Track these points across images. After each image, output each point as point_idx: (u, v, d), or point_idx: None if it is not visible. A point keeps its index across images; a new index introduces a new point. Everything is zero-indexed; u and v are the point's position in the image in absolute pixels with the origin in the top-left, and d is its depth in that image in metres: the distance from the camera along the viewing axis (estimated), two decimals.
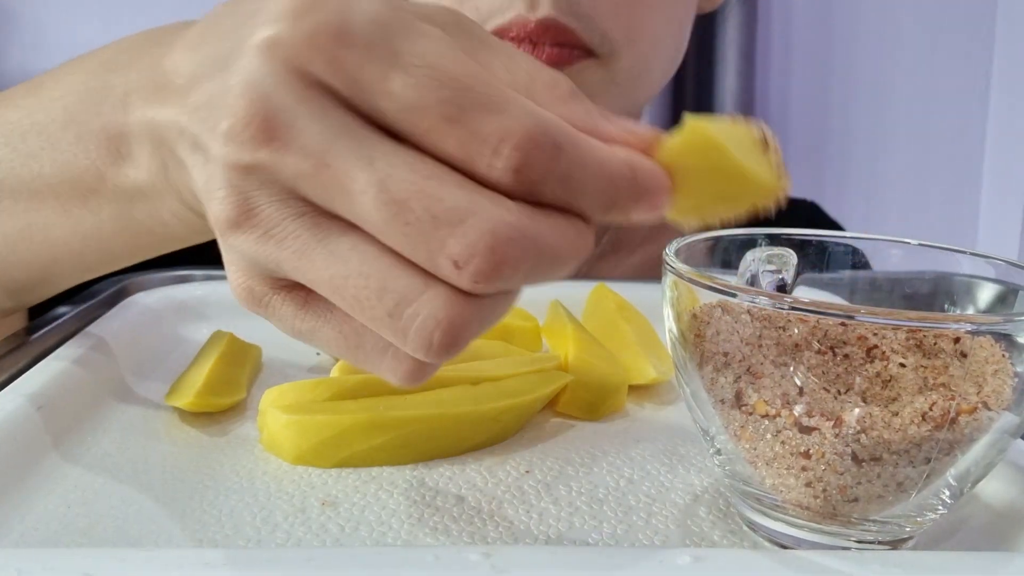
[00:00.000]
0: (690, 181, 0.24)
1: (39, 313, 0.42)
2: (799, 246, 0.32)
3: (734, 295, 0.24)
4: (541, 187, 0.21)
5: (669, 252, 0.27)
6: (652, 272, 0.62)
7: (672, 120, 1.44)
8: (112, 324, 0.39)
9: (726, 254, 0.31)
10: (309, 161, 0.20)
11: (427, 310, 0.21)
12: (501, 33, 0.47)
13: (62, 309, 0.42)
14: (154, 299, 0.44)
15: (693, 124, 0.24)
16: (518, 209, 0.20)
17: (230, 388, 0.36)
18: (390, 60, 0.20)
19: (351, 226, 0.21)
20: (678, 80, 1.45)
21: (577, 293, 0.46)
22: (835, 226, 0.72)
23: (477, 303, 0.21)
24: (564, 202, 0.21)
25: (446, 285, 0.21)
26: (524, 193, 0.21)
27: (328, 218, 0.21)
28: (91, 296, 0.44)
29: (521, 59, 0.23)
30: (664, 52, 0.53)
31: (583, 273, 0.62)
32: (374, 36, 0.20)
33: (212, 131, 0.21)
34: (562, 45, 0.47)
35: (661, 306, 0.28)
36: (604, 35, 0.48)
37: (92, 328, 0.38)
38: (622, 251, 0.63)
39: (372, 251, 0.21)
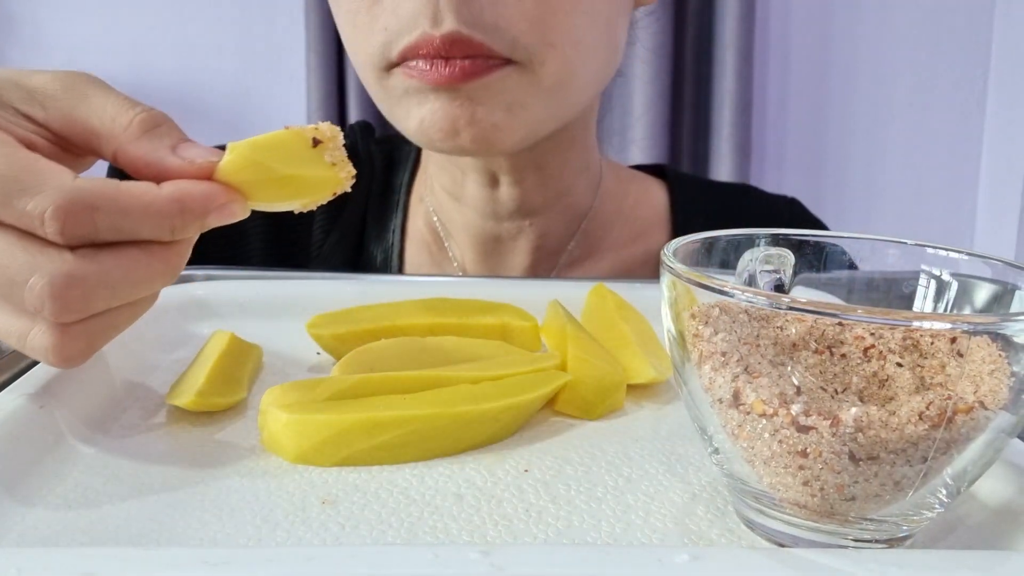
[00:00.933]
0: (252, 189, 0.30)
1: None
2: (796, 246, 0.32)
3: (732, 295, 0.24)
4: (95, 236, 0.28)
5: (667, 252, 0.28)
6: (621, 277, 0.62)
7: (672, 123, 1.44)
8: None
9: (724, 254, 0.31)
10: None
11: (37, 342, 0.29)
12: (410, 52, 0.47)
13: None
14: None
15: (233, 147, 0.29)
16: (74, 258, 0.27)
17: (231, 388, 0.36)
18: None
19: None
20: (677, 81, 1.45)
21: (576, 293, 0.46)
22: (816, 223, 0.72)
23: (75, 328, 0.29)
24: (126, 238, 0.28)
25: (47, 320, 0.28)
26: (85, 242, 0.28)
27: None
28: None
29: (109, 106, 0.30)
30: (592, 56, 0.51)
31: (553, 277, 0.62)
32: None
33: None
34: (473, 57, 0.47)
35: (659, 306, 0.28)
36: (515, 41, 0.47)
37: None
38: (589, 258, 0.63)
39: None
